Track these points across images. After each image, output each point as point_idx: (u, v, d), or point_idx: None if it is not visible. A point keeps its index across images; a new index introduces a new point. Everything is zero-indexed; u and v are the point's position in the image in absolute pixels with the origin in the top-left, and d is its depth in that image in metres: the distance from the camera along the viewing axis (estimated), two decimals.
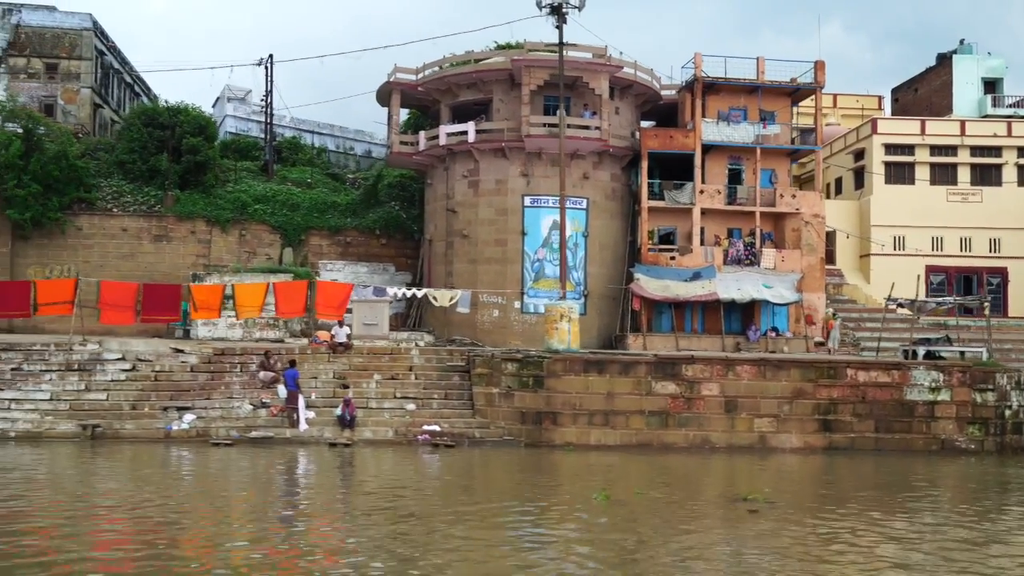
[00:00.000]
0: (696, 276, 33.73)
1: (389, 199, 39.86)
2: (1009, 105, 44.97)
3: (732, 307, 33.85)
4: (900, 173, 39.93)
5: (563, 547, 12.54)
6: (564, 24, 28.00)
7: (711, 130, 35.01)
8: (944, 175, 39.88)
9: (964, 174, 39.82)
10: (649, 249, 34.66)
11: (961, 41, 47.33)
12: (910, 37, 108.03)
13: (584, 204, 34.28)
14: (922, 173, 39.75)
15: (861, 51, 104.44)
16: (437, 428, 23.32)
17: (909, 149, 39.97)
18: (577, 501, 16.09)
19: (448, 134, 34.56)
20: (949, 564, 11.93)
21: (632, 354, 26.02)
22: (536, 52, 33.80)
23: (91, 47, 41.05)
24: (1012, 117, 42.51)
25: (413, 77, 35.95)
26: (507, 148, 33.72)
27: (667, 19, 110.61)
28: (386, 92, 36.70)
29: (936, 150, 39.94)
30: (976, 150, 39.95)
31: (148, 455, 20.48)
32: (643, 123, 37.50)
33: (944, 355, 27.00)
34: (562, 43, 28.74)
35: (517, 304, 33.81)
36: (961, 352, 27.15)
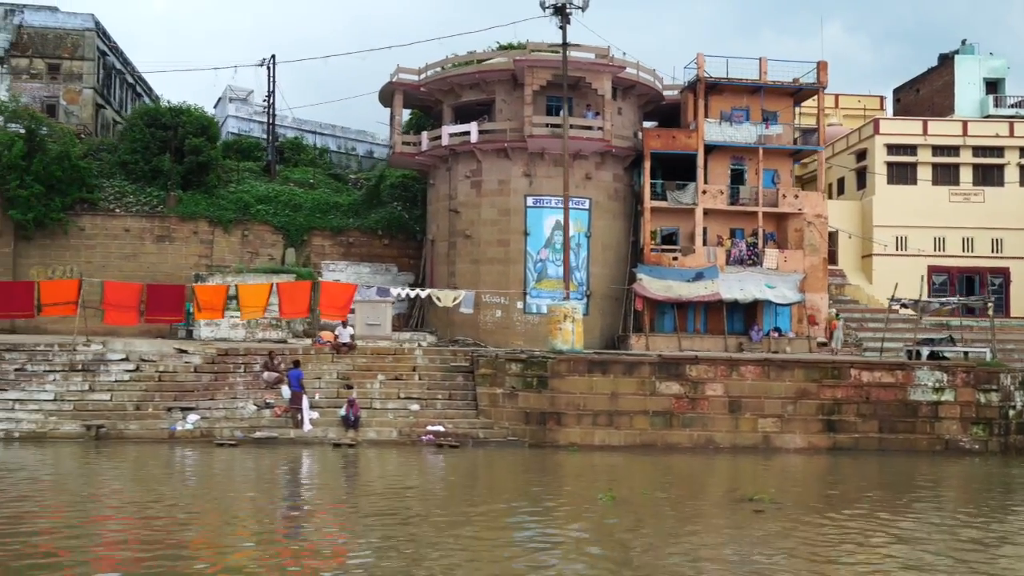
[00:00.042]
0: (699, 276, 33.75)
1: (391, 199, 39.85)
2: (1011, 105, 44.95)
3: (735, 307, 33.86)
4: (902, 173, 39.92)
5: (573, 548, 12.53)
6: (568, 24, 28.03)
7: (713, 130, 35.03)
8: (946, 175, 39.87)
9: (966, 174, 39.80)
10: (652, 249, 34.68)
11: (963, 41, 47.34)
12: (910, 37, 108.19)
13: (587, 204, 34.29)
14: (924, 173, 39.74)
15: (861, 51, 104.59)
16: (441, 428, 23.31)
17: (911, 149, 39.96)
18: (583, 502, 16.08)
19: (451, 134, 34.57)
20: (961, 565, 11.91)
21: (636, 354, 26.01)
22: (539, 52, 33.80)
23: (93, 48, 41.07)
24: (1014, 117, 42.47)
25: (416, 77, 35.94)
26: (510, 148, 33.73)
27: (667, 19, 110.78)
28: (389, 92, 36.70)
29: (938, 150, 39.93)
30: (978, 150, 39.93)
31: (152, 456, 20.46)
32: (645, 123, 37.53)
33: (947, 355, 27.02)
34: (566, 43, 28.74)
35: (519, 304, 33.82)
36: (965, 352, 27.14)
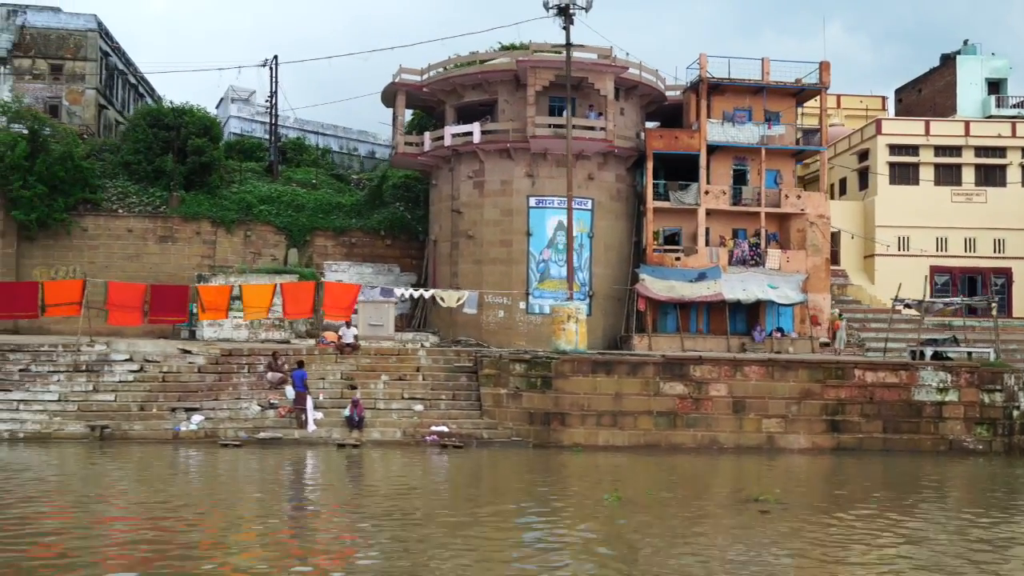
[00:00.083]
0: (701, 277, 33.74)
1: (394, 200, 39.84)
2: (1013, 106, 44.99)
3: (737, 308, 33.85)
4: (904, 173, 39.92)
5: (582, 549, 12.54)
6: (571, 25, 28.05)
7: (716, 131, 35.03)
8: (948, 175, 39.86)
9: (968, 174, 39.79)
10: (654, 250, 34.67)
11: (965, 42, 47.34)
12: (911, 37, 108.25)
13: (589, 205, 34.28)
14: (926, 173, 39.73)
15: (862, 51, 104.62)
16: (445, 429, 23.32)
17: (913, 150, 39.95)
18: (589, 502, 16.10)
19: (453, 135, 34.55)
20: (972, 566, 11.90)
21: (640, 355, 26.01)
22: (541, 53, 33.80)
23: (96, 48, 41.06)
24: (1016, 118, 42.48)
25: (418, 78, 35.93)
26: (512, 149, 33.72)
27: (667, 19, 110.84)
28: (391, 93, 36.70)
29: (940, 151, 39.91)
30: (980, 150, 39.90)
31: (157, 456, 20.46)
32: (648, 124, 37.50)
33: (951, 356, 27.03)
34: (569, 44, 28.74)
35: (522, 305, 33.80)
36: (968, 353, 27.16)
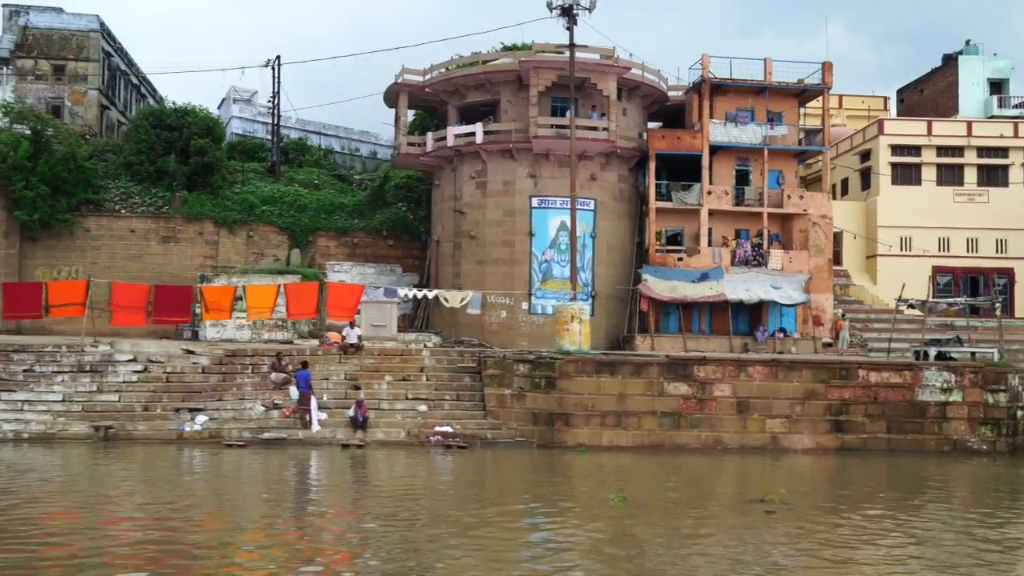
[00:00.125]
0: (704, 277, 33.76)
1: (396, 200, 39.85)
2: (1015, 106, 45.00)
3: (740, 308, 33.88)
4: (907, 174, 39.91)
5: (591, 549, 12.52)
6: (575, 26, 28.06)
7: (718, 131, 35.06)
8: (951, 176, 39.85)
9: (971, 175, 39.78)
10: (657, 250, 34.70)
11: (967, 42, 47.31)
12: (911, 38, 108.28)
13: (592, 205, 34.29)
14: (929, 174, 39.72)
15: (862, 51, 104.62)
16: (449, 429, 23.32)
17: (916, 150, 39.94)
18: (595, 503, 16.09)
19: (456, 135, 34.56)
20: (983, 567, 11.87)
21: (644, 355, 26.00)
22: (544, 53, 33.82)
23: (98, 49, 41.08)
24: (1018, 118, 42.49)
25: (420, 78, 35.94)
26: (515, 149, 33.72)
27: (667, 20, 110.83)
28: (393, 93, 36.71)
29: (943, 151, 39.89)
30: (982, 151, 39.88)
31: (162, 456, 20.46)
32: (650, 124, 37.53)
33: (954, 356, 27.01)
34: (573, 44, 28.75)
35: (525, 305, 33.81)
36: (972, 353, 27.15)
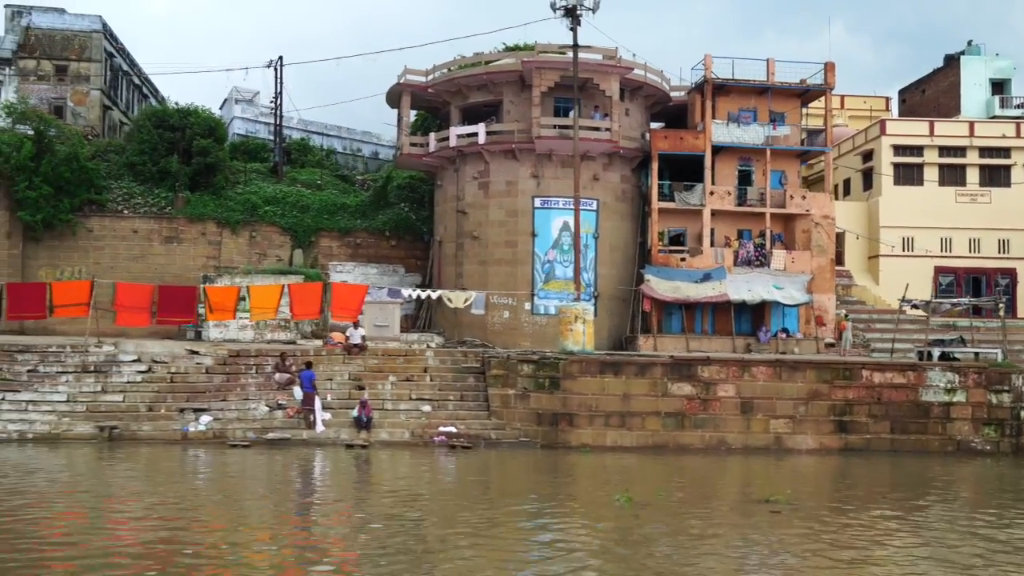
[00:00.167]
0: (706, 277, 33.76)
1: (398, 200, 39.86)
2: (1017, 106, 44.99)
3: (742, 308, 33.87)
4: (909, 174, 39.92)
5: (600, 549, 12.53)
6: (578, 26, 28.06)
7: (721, 131, 35.05)
8: (953, 176, 39.86)
9: (973, 175, 39.79)
10: (659, 250, 34.69)
11: (969, 42, 47.30)
12: (912, 38, 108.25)
13: (594, 205, 34.29)
14: (931, 174, 39.72)
15: (863, 52, 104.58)
16: (453, 429, 23.33)
17: (918, 150, 39.95)
18: (601, 503, 16.11)
19: (458, 135, 34.57)
20: (996, 567, 11.87)
21: (648, 355, 26.02)
22: (546, 54, 33.83)
23: (100, 49, 41.06)
24: (1020, 118, 42.47)
25: (423, 79, 35.96)
26: (517, 150, 33.73)
27: (668, 20, 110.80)
28: (396, 93, 36.72)
29: (945, 151, 39.89)
30: (985, 151, 39.89)
31: (166, 457, 20.48)
32: (652, 124, 37.54)
33: (958, 356, 27.03)
34: (576, 45, 28.76)
35: (527, 305, 33.81)
36: (975, 353, 27.16)
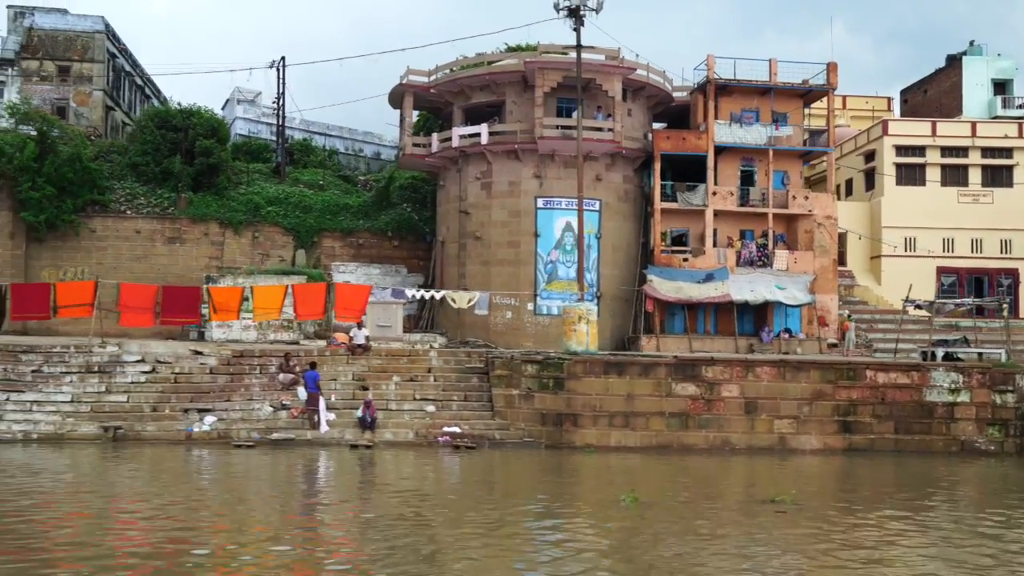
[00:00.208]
0: (709, 278, 33.77)
1: (401, 201, 39.87)
2: (1019, 106, 44.97)
3: (745, 308, 33.87)
4: (911, 174, 39.94)
5: (610, 550, 12.53)
6: (582, 27, 28.06)
7: (723, 132, 35.05)
8: (955, 176, 39.88)
9: (975, 175, 39.81)
10: (662, 251, 34.69)
11: (971, 43, 47.27)
12: (913, 38, 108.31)
13: (597, 206, 34.28)
14: (933, 174, 39.74)
15: (863, 52, 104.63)
16: (457, 430, 23.34)
17: (920, 151, 39.97)
18: (607, 503, 16.10)
19: (461, 136, 34.58)
20: (1007, 568, 11.88)
21: (652, 356, 26.03)
22: (549, 54, 33.85)
23: (103, 50, 41.10)
24: (1022, 118, 42.47)
25: (425, 79, 35.97)
26: (520, 150, 33.74)
27: (668, 20, 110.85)
28: (399, 94, 36.73)
29: (947, 151, 39.92)
30: (987, 151, 39.92)
31: (171, 457, 20.49)
32: (655, 125, 37.53)
33: (961, 356, 27.03)
34: (580, 46, 28.76)
35: (530, 306, 33.81)
36: (979, 353, 27.16)
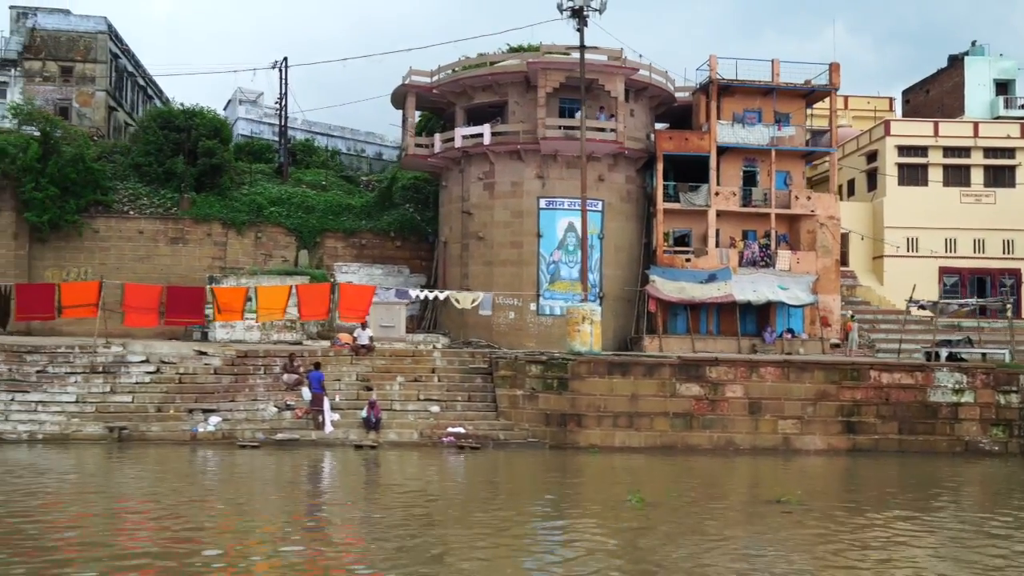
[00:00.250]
0: (712, 278, 33.79)
1: (403, 201, 39.88)
2: (1021, 106, 45.01)
3: (747, 309, 33.89)
4: (913, 175, 39.97)
5: (618, 550, 12.53)
6: (585, 27, 28.09)
7: (726, 132, 35.06)
8: (957, 176, 39.91)
9: (977, 175, 39.85)
10: (664, 251, 34.71)
11: (973, 43, 47.31)
12: (913, 38, 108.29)
13: (600, 206, 34.30)
14: (935, 175, 39.77)
15: (864, 52, 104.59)
16: (462, 430, 23.36)
17: (922, 151, 40.00)
18: (613, 503, 16.09)
19: (463, 136, 34.60)
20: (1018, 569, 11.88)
21: (656, 356, 26.05)
22: (551, 54, 33.87)
23: (106, 50, 41.08)
24: None
25: (428, 79, 35.99)
26: (522, 150, 33.76)
27: (668, 20, 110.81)
28: (401, 94, 36.75)
29: (949, 152, 39.96)
30: (989, 151, 39.96)
31: (176, 458, 20.50)
32: (657, 125, 37.55)
33: (964, 357, 27.04)
34: (583, 46, 28.79)
35: (532, 306, 33.83)
36: (983, 354, 27.17)
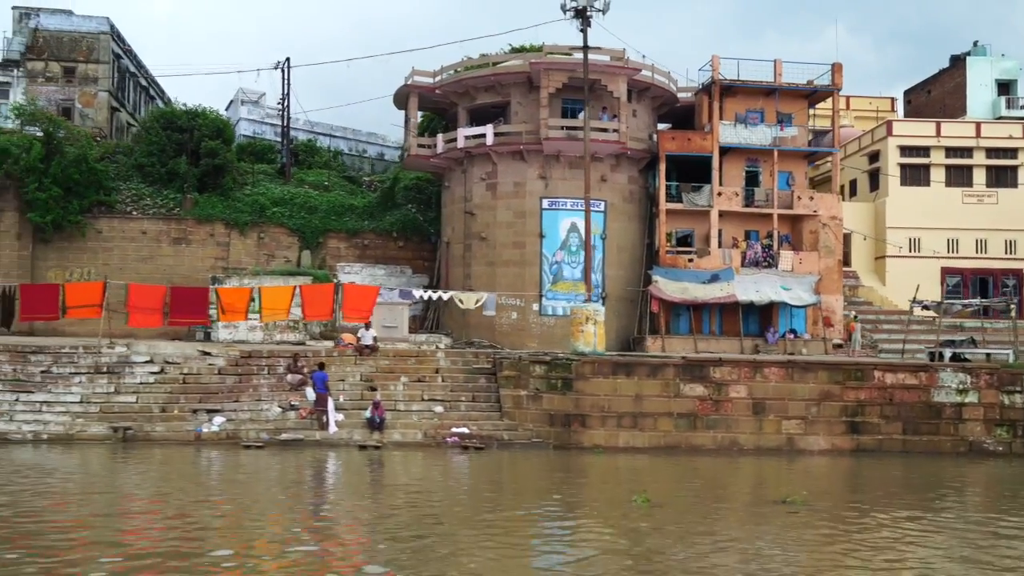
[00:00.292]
0: (714, 278, 33.81)
1: (406, 202, 39.92)
2: (1023, 106, 45.03)
3: (750, 309, 33.91)
4: (915, 175, 40.00)
5: (629, 550, 12.53)
6: (588, 28, 28.12)
7: (728, 132, 35.09)
8: (959, 177, 39.94)
9: (979, 176, 39.88)
10: (667, 251, 34.74)
11: (975, 43, 47.38)
12: (914, 39, 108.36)
13: (602, 207, 34.32)
14: (937, 175, 39.80)
15: (864, 52, 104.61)
16: (466, 430, 23.37)
17: (924, 151, 40.03)
18: (618, 503, 16.11)
19: (466, 137, 34.61)
20: None
21: (660, 356, 26.07)
22: (554, 55, 33.89)
23: (108, 51, 41.10)
24: None
25: (430, 80, 36.01)
26: (525, 151, 33.78)
27: (669, 20, 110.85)
28: (403, 95, 36.76)
29: (951, 152, 39.99)
30: (991, 152, 39.99)
31: (181, 458, 20.52)
32: (660, 125, 37.57)
33: (968, 357, 27.06)
34: (586, 46, 28.81)
35: (535, 307, 33.85)
36: (987, 354, 27.18)
